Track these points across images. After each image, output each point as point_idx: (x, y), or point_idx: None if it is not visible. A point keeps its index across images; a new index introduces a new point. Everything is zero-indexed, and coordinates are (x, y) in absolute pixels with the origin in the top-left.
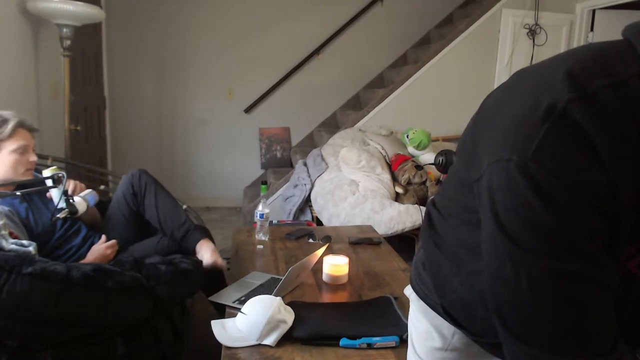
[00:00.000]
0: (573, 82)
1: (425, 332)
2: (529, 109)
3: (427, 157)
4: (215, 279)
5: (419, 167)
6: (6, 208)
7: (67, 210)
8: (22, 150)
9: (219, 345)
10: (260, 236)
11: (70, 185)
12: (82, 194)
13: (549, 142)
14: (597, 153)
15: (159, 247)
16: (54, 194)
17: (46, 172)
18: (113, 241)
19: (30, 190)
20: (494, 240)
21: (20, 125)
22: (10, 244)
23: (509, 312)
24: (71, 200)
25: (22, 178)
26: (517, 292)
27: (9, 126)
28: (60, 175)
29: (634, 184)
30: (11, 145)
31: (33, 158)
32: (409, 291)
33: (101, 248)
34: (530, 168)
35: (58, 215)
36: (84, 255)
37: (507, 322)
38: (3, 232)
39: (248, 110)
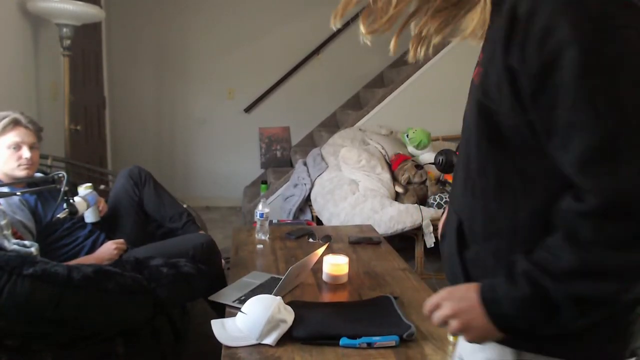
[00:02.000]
0: None
1: None
2: None
3: (427, 156)
4: (216, 279)
5: (418, 166)
6: (17, 197)
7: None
8: (15, 147)
9: (219, 345)
10: (260, 236)
11: (101, 204)
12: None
13: None
14: None
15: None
16: (82, 207)
17: (80, 189)
18: (121, 240)
19: (30, 191)
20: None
21: (15, 122)
22: (12, 244)
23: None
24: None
25: (19, 174)
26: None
27: (1, 123)
28: (60, 175)
29: None
30: (5, 141)
31: (26, 154)
32: None
33: (109, 244)
34: None
35: (58, 216)
36: (87, 247)
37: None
38: (5, 232)
39: (248, 110)
